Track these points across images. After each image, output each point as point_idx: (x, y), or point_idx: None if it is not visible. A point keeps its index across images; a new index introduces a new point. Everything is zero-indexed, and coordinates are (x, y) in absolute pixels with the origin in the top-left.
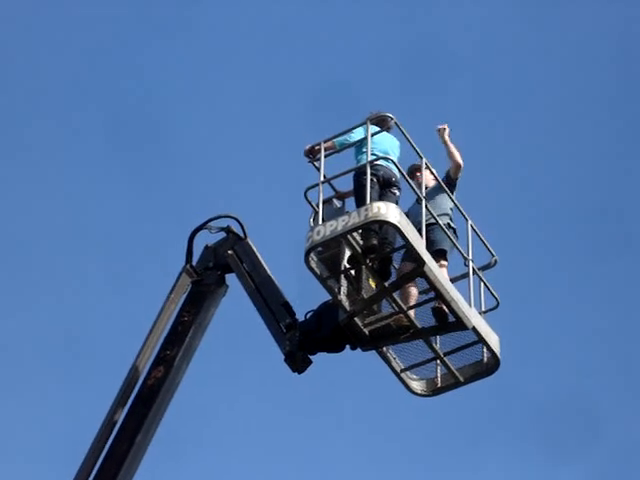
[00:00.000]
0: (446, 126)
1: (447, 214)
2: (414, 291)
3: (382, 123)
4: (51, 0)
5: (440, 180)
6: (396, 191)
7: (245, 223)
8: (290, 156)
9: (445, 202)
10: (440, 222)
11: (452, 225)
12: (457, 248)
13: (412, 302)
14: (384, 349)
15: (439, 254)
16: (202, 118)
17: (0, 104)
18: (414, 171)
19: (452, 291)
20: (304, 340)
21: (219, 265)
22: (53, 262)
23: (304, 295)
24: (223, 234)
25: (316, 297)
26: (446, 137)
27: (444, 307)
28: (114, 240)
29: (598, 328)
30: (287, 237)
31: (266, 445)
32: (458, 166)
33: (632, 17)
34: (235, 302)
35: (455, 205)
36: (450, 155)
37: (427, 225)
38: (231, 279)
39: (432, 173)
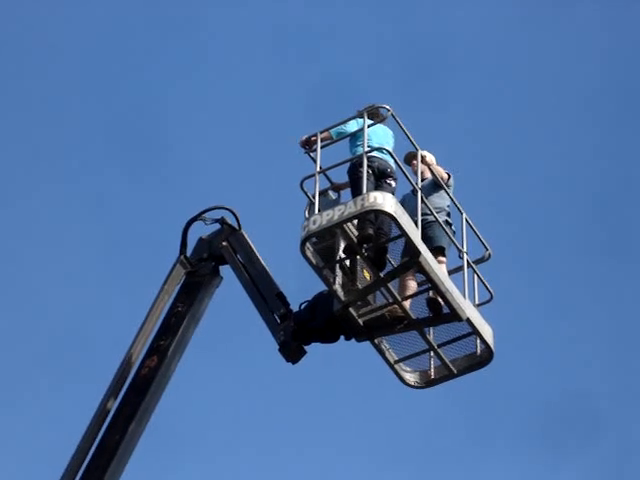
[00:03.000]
0: (425, 154)
1: (444, 210)
2: (413, 284)
3: (375, 115)
4: (51, 0)
5: (436, 175)
6: (392, 182)
7: (239, 214)
8: (285, 147)
9: (442, 198)
10: (438, 219)
11: (449, 221)
12: (454, 243)
13: (408, 294)
14: (378, 340)
15: (438, 251)
16: (198, 110)
17: (2, 103)
18: (411, 158)
19: (447, 282)
20: (298, 330)
21: (213, 256)
22: (45, 254)
23: (299, 286)
24: (217, 225)
25: (311, 288)
26: (434, 167)
27: (439, 298)
28: (107, 231)
29: (597, 324)
30: (282, 228)
31: (258, 437)
32: (442, 179)
33: (632, 17)
34: (229, 293)
35: (450, 198)
36: (436, 175)
37: (425, 222)
38: (225, 270)
39: (428, 167)
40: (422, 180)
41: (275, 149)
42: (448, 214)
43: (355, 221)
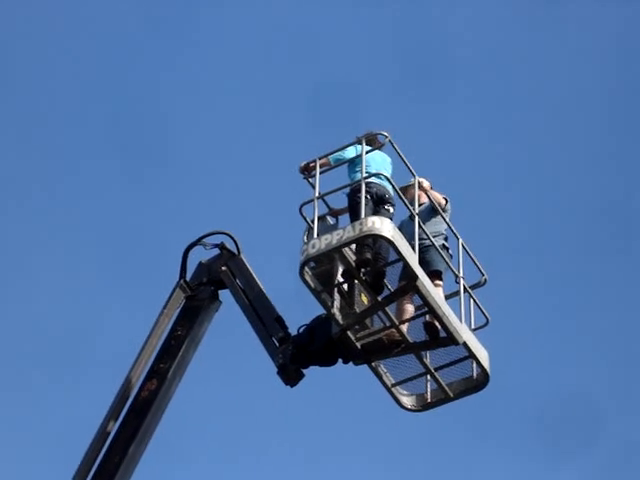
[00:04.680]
0: (422, 181)
1: (442, 234)
2: (410, 308)
3: (373, 142)
4: (53, 1)
5: (433, 201)
6: (390, 208)
7: (239, 239)
8: (284, 173)
9: (439, 223)
10: (435, 243)
11: (446, 245)
12: (450, 268)
13: (405, 318)
14: (375, 364)
15: (434, 274)
16: (197, 132)
17: (1, 104)
18: (411, 187)
19: (444, 306)
20: (297, 353)
21: (213, 281)
22: (49, 271)
23: (297, 310)
24: (217, 250)
25: (308, 312)
26: (430, 192)
27: (436, 322)
28: (107, 254)
29: (598, 328)
30: (281, 253)
31: (256, 460)
32: (439, 204)
33: (632, 17)
34: (228, 317)
35: (446, 223)
36: (433, 200)
37: (423, 246)
38: (224, 294)
39: (425, 194)
40: (419, 205)
41: (275, 173)
42: (445, 238)
43: (353, 246)
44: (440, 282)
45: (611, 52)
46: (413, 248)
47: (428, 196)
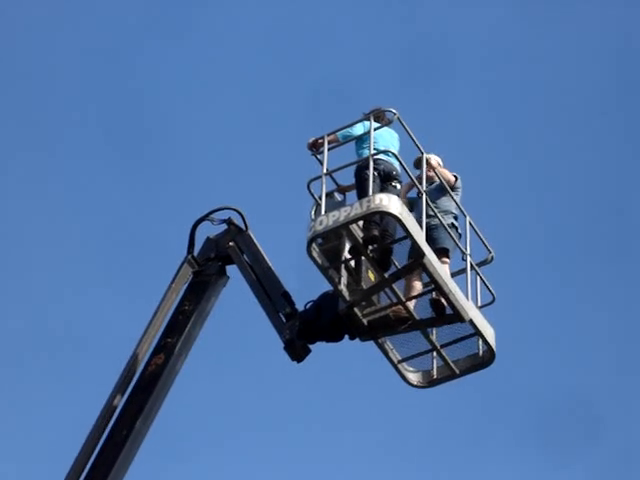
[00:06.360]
0: (430, 157)
1: (451, 213)
2: (418, 285)
3: (381, 118)
4: (51, 0)
5: (442, 179)
6: (397, 184)
7: (246, 215)
8: (291, 149)
9: (449, 201)
10: (443, 221)
11: (455, 224)
12: (458, 246)
13: (412, 295)
14: (382, 340)
15: (441, 252)
16: (204, 111)
17: (1, 103)
18: (419, 162)
19: (450, 283)
20: (304, 329)
21: (220, 256)
22: (54, 253)
23: (304, 286)
24: (225, 226)
25: (315, 288)
26: (439, 170)
27: (442, 299)
28: (116, 231)
29: (597, 327)
30: (288, 229)
31: (263, 436)
32: (449, 182)
33: (633, 17)
34: (236, 292)
35: (454, 202)
36: (442, 178)
37: (431, 224)
38: (232, 270)
39: (434, 172)
40: (431, 183)
41: (282, 150)
42: (455, 217)
43: (361, 222)
44: (447, 260)
45: (612, 52)
46: (421, 225)
47: (436, 173)
